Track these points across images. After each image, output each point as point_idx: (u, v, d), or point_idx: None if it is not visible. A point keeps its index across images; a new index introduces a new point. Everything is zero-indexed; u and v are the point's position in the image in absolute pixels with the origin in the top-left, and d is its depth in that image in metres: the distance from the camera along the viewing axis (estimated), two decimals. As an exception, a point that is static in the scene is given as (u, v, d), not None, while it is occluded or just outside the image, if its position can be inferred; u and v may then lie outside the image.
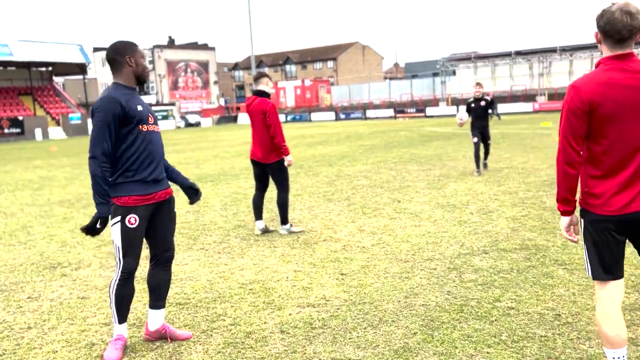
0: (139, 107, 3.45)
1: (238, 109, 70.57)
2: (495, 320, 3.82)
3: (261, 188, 6.82)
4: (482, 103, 11.14)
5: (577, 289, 4.33)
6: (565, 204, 2.79)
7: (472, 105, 11.23)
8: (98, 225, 3.35)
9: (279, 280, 4.96)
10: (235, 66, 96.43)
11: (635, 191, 2.62)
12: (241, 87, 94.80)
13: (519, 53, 50.04)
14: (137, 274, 5.34)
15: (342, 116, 54.18)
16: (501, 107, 45.37)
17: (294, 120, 57.84)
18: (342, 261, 5.44)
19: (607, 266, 2.71)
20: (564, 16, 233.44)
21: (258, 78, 6.53)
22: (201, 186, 11.28)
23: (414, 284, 4.67)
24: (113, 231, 3.48)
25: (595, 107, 2.60)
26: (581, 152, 2.69)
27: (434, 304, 4.19)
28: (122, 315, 3.57)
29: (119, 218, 3.45)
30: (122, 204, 3.43)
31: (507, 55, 50.66)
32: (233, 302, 4.47)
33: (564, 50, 47.45)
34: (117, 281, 3.53)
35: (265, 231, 6.79)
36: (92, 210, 9.05)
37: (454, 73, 55.74)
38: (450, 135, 22.61)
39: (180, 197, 9.87)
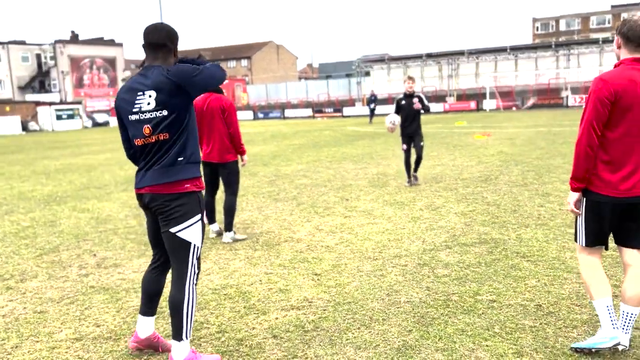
0: None
1: (150, 107, 67.85)
2: (483, 313, 3.93)
3: (212, 192, 6.51)
4: (415, 101, 9.20)
5: (546, 279, 4.55)
6: (580, 182, 3.18)
7: (403, 102, 9.27)
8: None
9: (253, 284, 4.80)
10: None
11: (638, 178, 3.06)
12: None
13: (429, 55, 52.18)
14: (94, 282, 5.00)
15: (261, 115, 53.82)
16: (414, 107, 47.16)
17: (210, 119, 56.60)
18: (311, 261, 5.37)
19: (599, 235, 3.21)
20: (470, 21, 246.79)
21: None
22: (134, 188, 10.72)
23: (391, 281, 4.70)
24: (192, 233, 3.16)
25: (619, 98, 3.00)
26: (599, 141, 3.08)
27: (417, 300, 4.24)
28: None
29: (199, 216, 3.18)
30: (199, 188, 3.19)
31: (419, 57, 52.67)
32: (212, 308, 4.27)
33: (471, 53, 50.07)
34: (194, 286, 3.23)
35: (221, 234, 6.57)
36: (18, 217, 8.33)
37: (367, 74, 57.09)
38: (373, 134, 23.12)
39: (112, 201, 9.35)
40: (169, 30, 3.15)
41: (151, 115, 3.07)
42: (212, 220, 6.58)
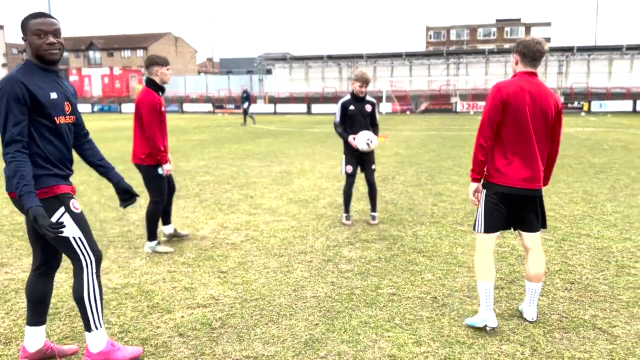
0: (53, 95, 2.98)
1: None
2: (384, 306, 4.13)
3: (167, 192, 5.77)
4: (368, 107, 6.68)
5: (440, 273, 4.87)
6: (478, 173, 3.71)
7: (351, 107, 6.65)
8: (41, 221, 2.76)
9: (156, 282, 4.68)
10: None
11: (528, 173, 3.57)
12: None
13: (330, 57, 53.14)
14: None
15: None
16: (315, 108, 47.91)
17: (102, 111, 53.78)
18: (216, 259, 5.32)
19: (495, 223, 3.69)
20: (369, 25, 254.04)
21: (147, 66, 5.41)
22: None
23: (297, 277, 4.79)
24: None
25: (509, 102, 3.53)
26: (493, 136, 3.61)
27: (323, 294, 4.37)
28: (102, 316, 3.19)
29: (62, 209, 3.00)
30: (54, 193, 3.01)
31: (320, 58, 53.46)
32: (112, 308, 4.11)
33: (369, 57, 51.69)
34: (94, 276, 3.08)
35: (173, 236, 5.95)
36: None
37: (269, 72, 57.05)
38: (276, 132, 23.19)
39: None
40: (22, 23, 3.00)
41: None
42: (165, 221, 5.94)
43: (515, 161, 3.57)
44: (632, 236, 5.97)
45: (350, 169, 6.80)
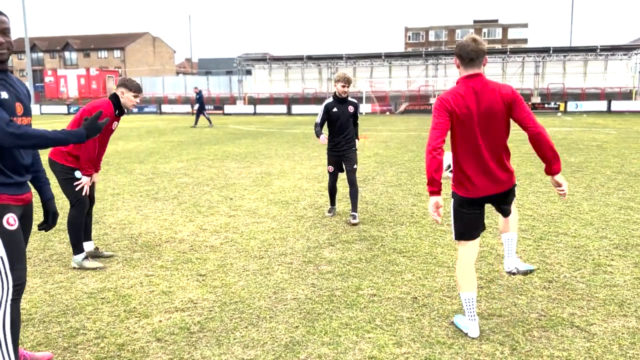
0: (3, 94, 2.86)
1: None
2: (364, 307, 4.12)
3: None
4: (350, 108, 6.85)
5: (420, 273, 4.88)
6: (432, 185, 3.42)
7: (334, 110, 6.78)
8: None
9: (133, 287, 4.60)
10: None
11: (486, 180, 3.52)
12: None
13: (309, 57, 53.10)
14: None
15: (135, 110, 51.32)
16: (295, 108, 47.86)
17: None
18: (195, 262, 5.26)
19: (470, 231, 3.66)
20: (347, 27, 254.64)
21: (117, 85, 5.10)
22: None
23: (277, 279, 4.76)
24: None
25: (452, 112, 3.44)
26: (442, 144, 3.41)
27: (303, 297, 4.34)
28: (17, 351, 2.90)
29: None
30: None
31: (299, 59, 53.36)
32: (87, 313, 4.03)
33: (349, 58, 51.78)
34: (7, 302, 2.81)
35: (96, 256, 5.38)
36: None
37: (249, 72, 56.79)
38: (255, 133, 23.09)
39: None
40: None
41: None
42: (85, 237, 5.34)
43: (473, 174, 3.49)
44: (607, 234, 6.06)
45: (331, 168, 7.16)
